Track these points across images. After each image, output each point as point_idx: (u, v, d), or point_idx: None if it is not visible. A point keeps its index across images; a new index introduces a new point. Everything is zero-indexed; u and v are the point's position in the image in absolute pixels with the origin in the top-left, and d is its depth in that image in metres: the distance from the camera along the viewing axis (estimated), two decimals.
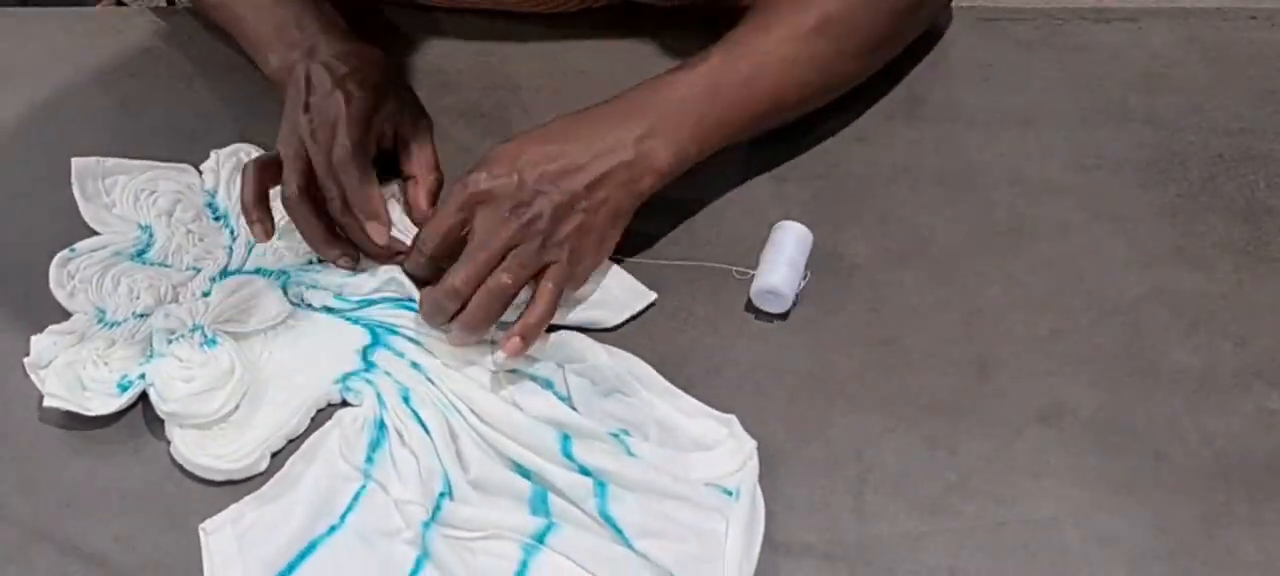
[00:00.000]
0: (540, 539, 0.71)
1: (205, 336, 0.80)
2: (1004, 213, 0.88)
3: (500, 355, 0.77)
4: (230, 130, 0.94)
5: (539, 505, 0.72)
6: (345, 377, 0.79)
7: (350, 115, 0.83)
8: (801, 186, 0.90)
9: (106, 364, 0.79)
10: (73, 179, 0.89)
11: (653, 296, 0.83)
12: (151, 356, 0.79)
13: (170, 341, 0.80)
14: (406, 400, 0.77)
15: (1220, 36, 0.99)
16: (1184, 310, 0.82)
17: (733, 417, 0.75)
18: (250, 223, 0.82)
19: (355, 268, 0.84)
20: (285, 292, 0.83)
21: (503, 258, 0.79)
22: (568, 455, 0.73)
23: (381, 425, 0.76)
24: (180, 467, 0.75)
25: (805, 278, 0.82)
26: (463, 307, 0.79)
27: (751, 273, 0.82)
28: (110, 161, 0.91)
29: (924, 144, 0.92)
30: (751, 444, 0.73)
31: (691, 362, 0.80)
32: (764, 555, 0.71)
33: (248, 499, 0.73)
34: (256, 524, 0.72)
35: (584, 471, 0.72)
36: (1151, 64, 0.98)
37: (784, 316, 0.82)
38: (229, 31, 0.96)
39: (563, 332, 0.79)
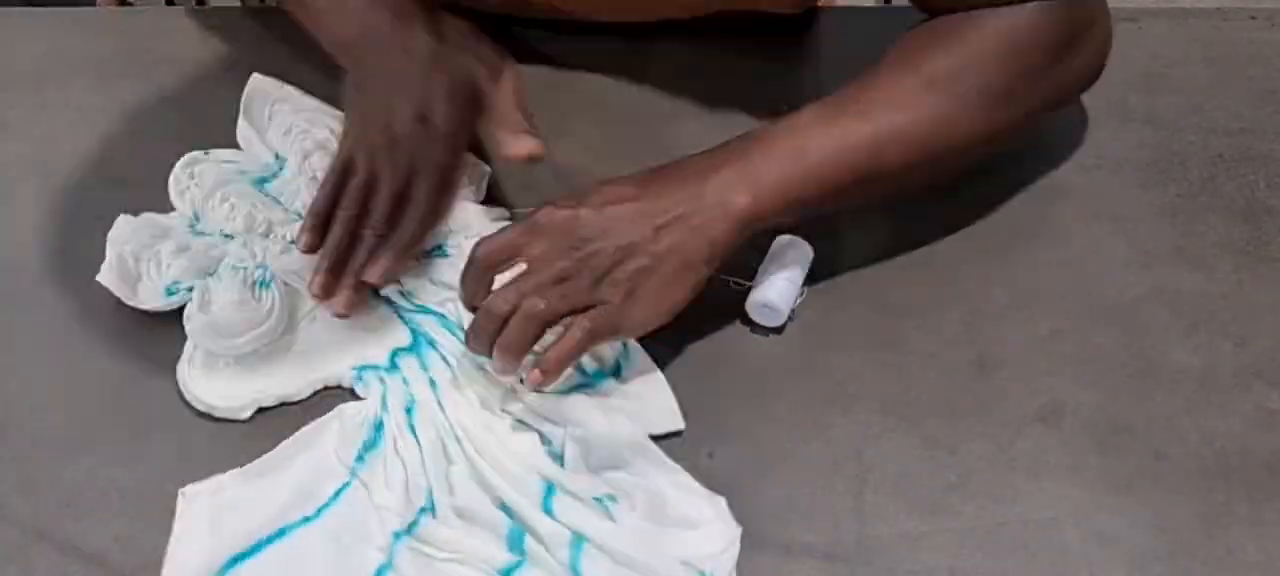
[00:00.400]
0: (507, 574, 0.70)
1: (264, 276, 0.81)
2: (1004, 213, 0.88)
3: (523, 384, 0.75)
4: (232, 130, 0.94)
5: (515, 542, 0.71)
6: (363, 369, 0.79)
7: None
8: None
9: (168, 266, 0.81)
10: (244, 94, 0.91)
11: (681, 425, 0.77)
12: (210, 275, 0.81)
13: (233, 268, 0.81)
14: (408, 412, 0.77)
15: (1220, 36, 1.00)
16: (1184, 310, 0.82)
17: (722, 500, 0.72)
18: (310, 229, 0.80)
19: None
20: None
21: (552, 287, 0.75)
22: (547, 509, 0.72)
23: (380, 427, 0.76)
24: (183, 400, 0.77)
25: (802, 293, 0.82)
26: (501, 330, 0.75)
27: (748, 285, 0.82)
28: (286, 88, 0.92)
29: None
30: (737, 530, 0.71)
31: (691, 362, 0.80)
32: (764, 555, 0.71)
33: (233, 472, 0.74)
34: (235, 499, 0.72)
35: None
36: (1151, 64, 0.98)
37: (779, 330, 0.82)
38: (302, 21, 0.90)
39: (575, 397, 0.77)
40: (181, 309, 0.80)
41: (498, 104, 0.86)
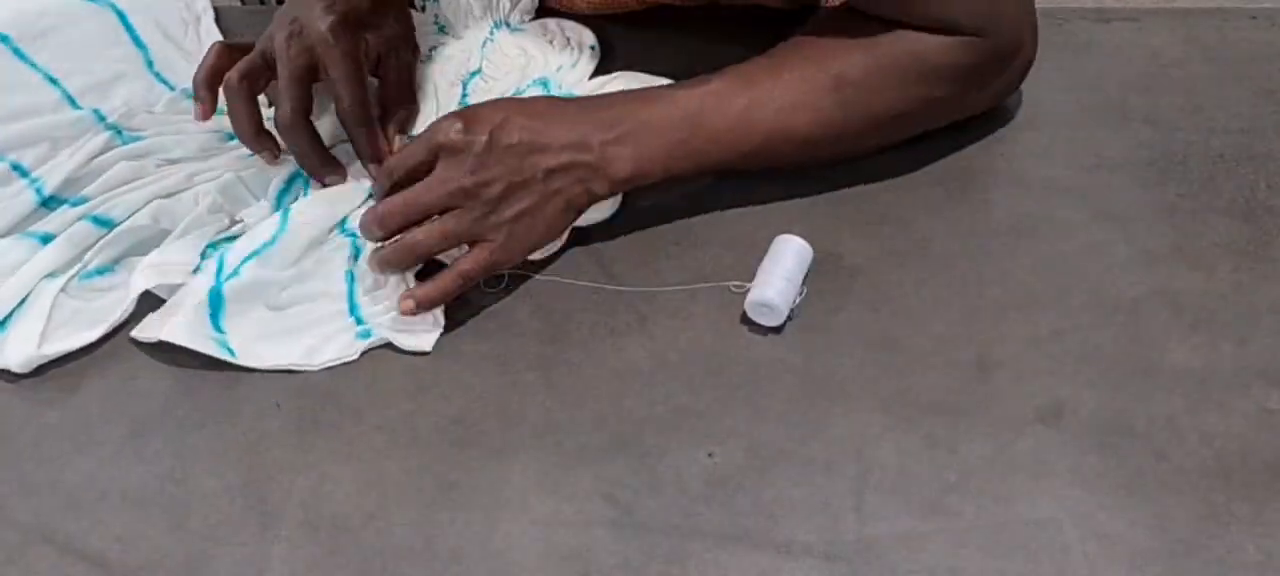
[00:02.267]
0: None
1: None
2: (1004, 213, 0.88)
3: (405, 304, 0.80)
4: None
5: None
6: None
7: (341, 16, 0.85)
8: (802, 186, 0.90)
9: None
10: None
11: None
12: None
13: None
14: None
15: (1220, 36, 1.00)
16: (1184, 310, 0.82)
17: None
18: (198, 99, 0.87)
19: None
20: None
21: (443, 210, 0.80)
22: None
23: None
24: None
25: (802, 293, 0.82)
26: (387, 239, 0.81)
27: (747, 287, 0.82)
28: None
29: (924, 144, 0.92)
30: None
31: (691, 363, 0.80)
32: (764, 555, 0.71)
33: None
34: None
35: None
36: (1151, 64, 0.98)
37: (778, 330, 0.82)
38: None
39: None
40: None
41: (345, 96, 0.88)
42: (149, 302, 0.83)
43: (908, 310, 0.83)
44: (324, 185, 0.88)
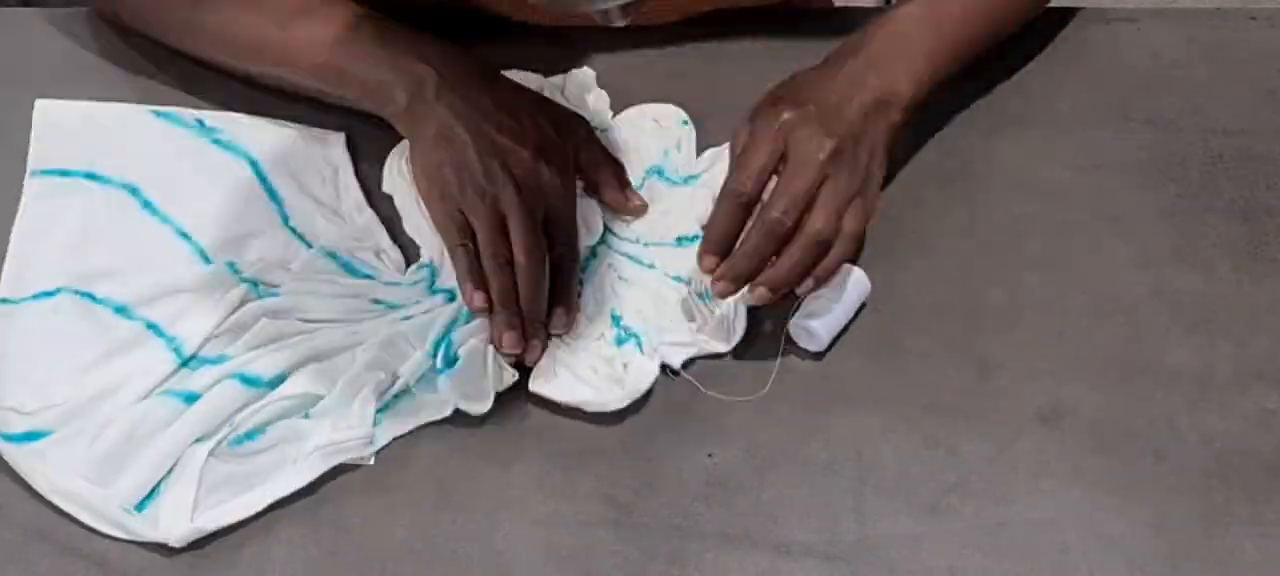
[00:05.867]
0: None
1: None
2: (1004, 213, 0.88)
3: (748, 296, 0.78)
4: None
5: None
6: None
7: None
8: None
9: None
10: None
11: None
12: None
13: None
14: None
15: (1220, 36, 0.99)
16: (1184, 310, 0.82)
17: None
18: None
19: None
20: None
21: (819, 185, 0.79)
22: None
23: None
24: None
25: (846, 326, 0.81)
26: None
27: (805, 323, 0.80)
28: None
29: (924, 144, 0.92)
30: None
31: (691, 363, 0.80)
32: (764, 555, 0.71)
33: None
34: None
35: None
36: (1151, 64, 0.98)
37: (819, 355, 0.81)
38: (334, 90, 0.87)
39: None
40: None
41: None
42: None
43: (908, 310, 0.83)
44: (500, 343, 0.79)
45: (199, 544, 0.72)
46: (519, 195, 0.79)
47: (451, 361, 0.78)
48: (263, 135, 0.90)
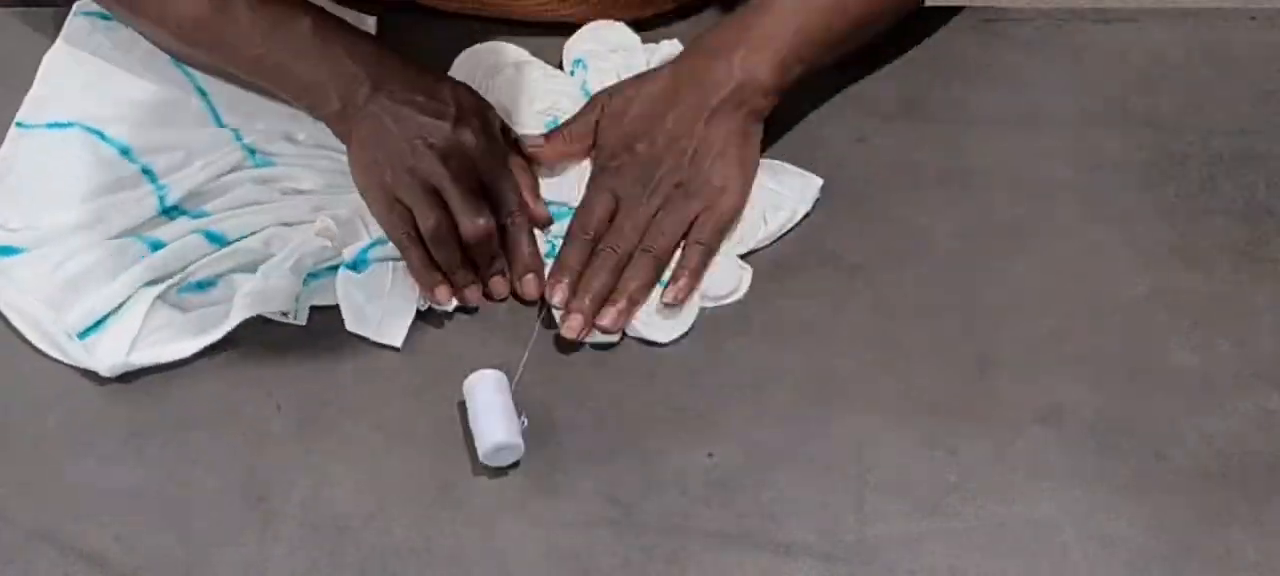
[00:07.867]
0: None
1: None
2: (1004, 213, 0.88)
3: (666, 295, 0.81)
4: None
5: None
6: None
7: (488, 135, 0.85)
8: None
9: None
10: None
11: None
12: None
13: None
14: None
15: (1220, 36, 0.99)
16: (1184, 310, 0.82)
17: None
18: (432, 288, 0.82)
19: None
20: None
21: (653, 216, 0.83)
22: None
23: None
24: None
25: (524, 422, 0.76)
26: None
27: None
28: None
29: (924, 144, 0.92)
30: None
31: (691, 361, 0.80)
32: (764, 555, 0.71)
33: None
34: None
35: None
36: (1151, 64, 0.98)
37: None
38: (271, 86, 0.90)
39: None
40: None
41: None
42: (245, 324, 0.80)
43: (908, 310, 0.83)
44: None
45: (198, 542, 0.72)
46: (445, 165, 0.81)
47: (358, 265, 0.81)
48: None
